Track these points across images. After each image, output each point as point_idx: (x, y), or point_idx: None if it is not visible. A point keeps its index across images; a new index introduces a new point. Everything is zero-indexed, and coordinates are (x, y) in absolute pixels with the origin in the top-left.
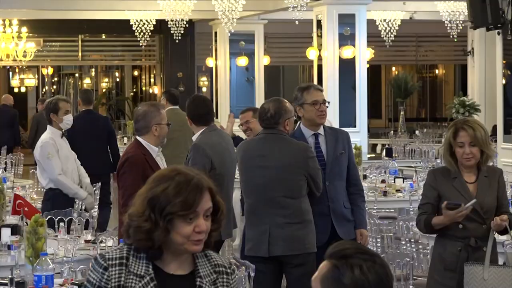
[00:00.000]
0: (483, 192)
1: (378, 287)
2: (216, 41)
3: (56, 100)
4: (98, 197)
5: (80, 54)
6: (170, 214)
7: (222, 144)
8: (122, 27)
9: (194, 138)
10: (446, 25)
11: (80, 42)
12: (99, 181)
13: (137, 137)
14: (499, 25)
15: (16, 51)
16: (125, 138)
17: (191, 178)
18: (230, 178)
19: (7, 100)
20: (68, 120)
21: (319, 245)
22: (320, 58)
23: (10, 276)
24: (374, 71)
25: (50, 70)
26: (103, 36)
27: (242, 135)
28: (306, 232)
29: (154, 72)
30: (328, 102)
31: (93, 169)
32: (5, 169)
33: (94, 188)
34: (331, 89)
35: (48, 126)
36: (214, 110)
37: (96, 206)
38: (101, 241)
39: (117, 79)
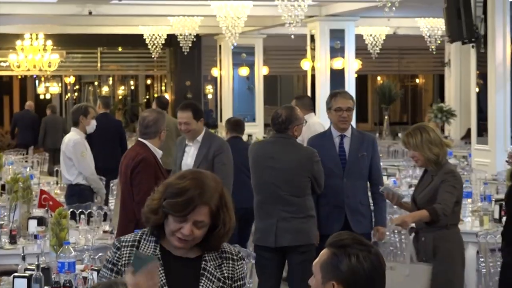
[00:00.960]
0: (419, 188)
1: (372, 274)
2: (220, 53)
3: (87, 105)
4: (115, 192)
5: (99, 64)
6: (164, 207)
7: None
8: (136, 41)
9: (200, 138)
10: (425, 39)
11: (99, 54)
12: (110, 175)
13: (143, 140)
14: (473, 40)
15: (42, 62)
16: None
17: (196, 188)
18: None
19: (29, 106)
20: (93, 124)
21: (332, 233)
22: (313, 69)
23: (36, 263)
24: (361, 80)
25: (72, 79)
26: (120, 49)
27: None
28: (309, 225)
29: (165, 81)
30: (352, 109)
31: (105, 164)
32: (31, 167)
33: (112, 184)
34: (323, 97)
35: (73, 128)
36: (218, 115)
37: (114, 199)
38: None
39: (132, 87)
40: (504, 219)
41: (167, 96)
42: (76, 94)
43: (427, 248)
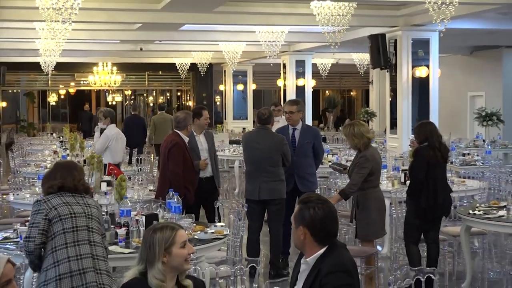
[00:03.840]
0: (352, 164)
1: (325, 220)
2: (225, 75)
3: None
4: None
5: (147, 82)
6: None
7: None
8: (171, 67)
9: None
10: (357, 66)
11: (146, 76)
12: (137, 148)
13: (177, 131)
14: (387, 67)
15: (110, 81)
16: None
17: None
18: None
19: (86, 108)
20: None
21: (286, 192)
22: (285, 86)
23: (106, 210)
24: (315, 93)
25: (129, 92)
26: (160, 72)
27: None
28: (280, 186)
29: (189, 93)
30: (294, 112)
31: (135, 142)
32: None
33: (135, 153)
34: None
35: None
36: (223, 115)
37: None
38: None
39: (168, 97)
40: (407, 182)
41: (191, 103)
42: (132, 102)
43: (356, 202)
